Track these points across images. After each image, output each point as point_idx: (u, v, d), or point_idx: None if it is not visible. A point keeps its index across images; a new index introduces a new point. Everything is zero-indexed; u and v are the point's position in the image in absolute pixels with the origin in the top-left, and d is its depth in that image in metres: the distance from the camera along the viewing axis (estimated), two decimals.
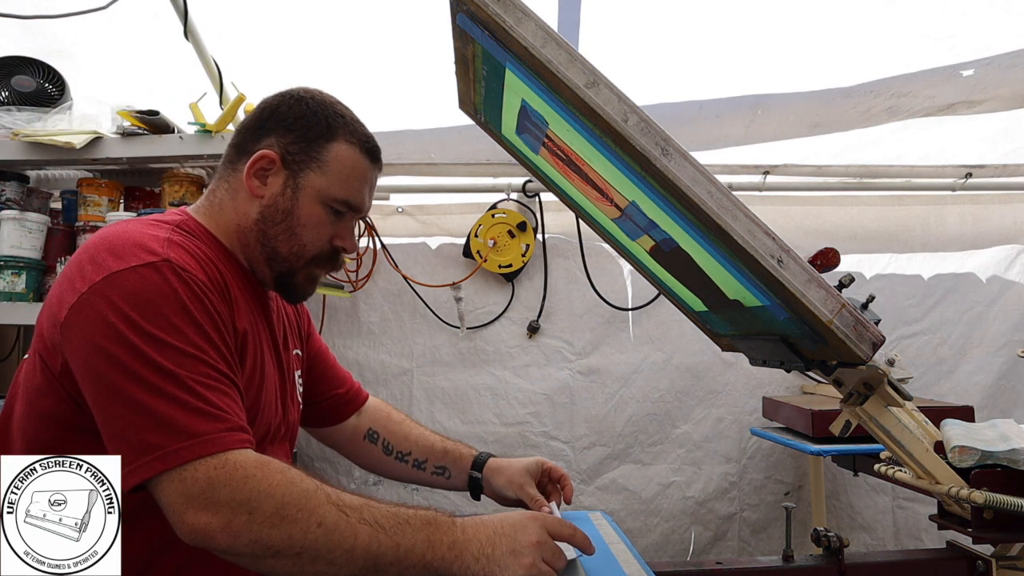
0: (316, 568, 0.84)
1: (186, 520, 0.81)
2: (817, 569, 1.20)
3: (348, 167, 1.08)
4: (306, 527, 0.83)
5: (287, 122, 1.07)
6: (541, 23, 0.90)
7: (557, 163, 1.31)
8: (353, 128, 1.11)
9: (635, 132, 0.90)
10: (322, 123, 1.07)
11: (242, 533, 0.81)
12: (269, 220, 1.06)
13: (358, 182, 1.09)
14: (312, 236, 1.07)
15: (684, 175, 0.91)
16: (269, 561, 0.83)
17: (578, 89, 0.90)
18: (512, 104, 1.21)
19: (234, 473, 0.82)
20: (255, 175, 1.06)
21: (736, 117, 2.46)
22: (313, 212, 1.06)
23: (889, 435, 1.21)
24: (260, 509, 0.82)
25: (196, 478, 0.81)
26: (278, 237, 1.06)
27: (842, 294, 1.34)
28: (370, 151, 1.12)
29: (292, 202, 1.06)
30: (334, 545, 0.84)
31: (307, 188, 1.06)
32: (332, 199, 1.07)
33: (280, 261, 1.07)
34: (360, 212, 1.11)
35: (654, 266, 1.44)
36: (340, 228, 1.10)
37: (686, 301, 1.52)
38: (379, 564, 0.85)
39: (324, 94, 1.13)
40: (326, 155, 1.07)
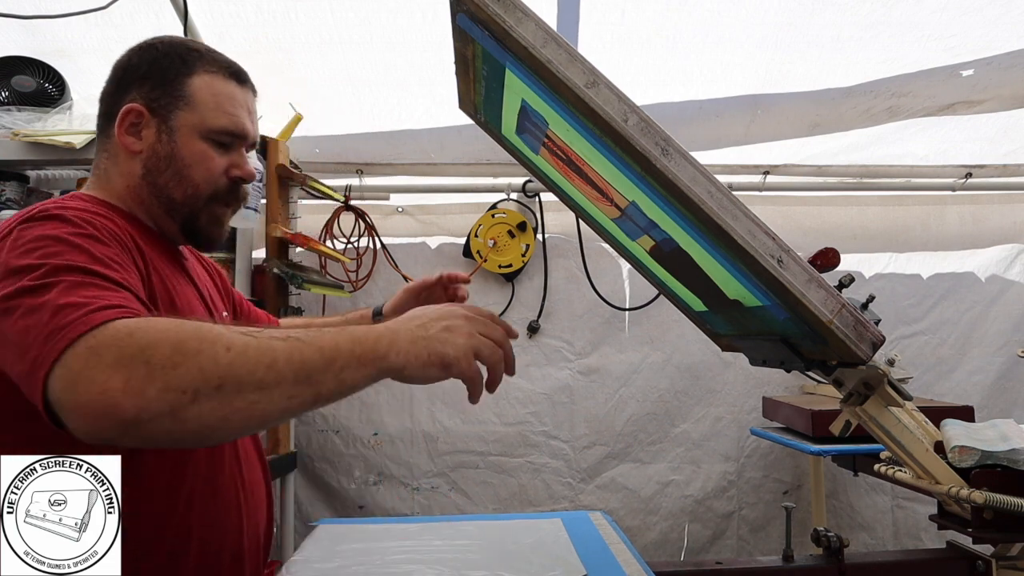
0: (245, 398, 0.74)
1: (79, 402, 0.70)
2: (817, 569, 1.20)
3: (216, 95, 1.05)
4: (214, 354, 0.73)
5: (142, 71, 1.04)
6: (541, 23, 0.90)
7: (557, 163, 1.31)
8: (211, 58, 1.07)
9: (635, 132, 0.90)
10: (177, 60, 1.04)
11: (146, 385, 0.70)
12: (155, 171, 1.04)
13: (230, 106, 1.06)
14: (202, 173, 1.05)
15: (684, 175, 0.91)
16: (192, 409, 0.71)
17: (578, 89, 0.90)
18: (512, 104, 1.21)
19: (116, 335, 0.73)
20: (127, 132, 1.03)
21: (736, 117, 2.46)
22: (195, 149, 1.04)
23: (889, 435, 1.21)
24: (156, 354, 0.71)
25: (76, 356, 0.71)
26: (168, 184, 1.04)
27: (842, 294, 1.34)
28: (235, 74, 1.08)
29: (171, 146, 1.03)
30: (254, 365, 0.74)
31: (181, 127, 1.03)
32: (210, 131, 1.04)
33: (179, 207, 1.05)
34: (245, 138, 1.08)
35: (654, 266, 1.44)
36: (231, 159, 1.07)
37: (686, 301, 1.52)
38: (311, 374, 0.77)
39: (174, 36, 1.10)
40: (189, 90, 1.04)
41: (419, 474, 2.78)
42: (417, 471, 2.78)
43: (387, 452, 2.79)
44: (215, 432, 0.76)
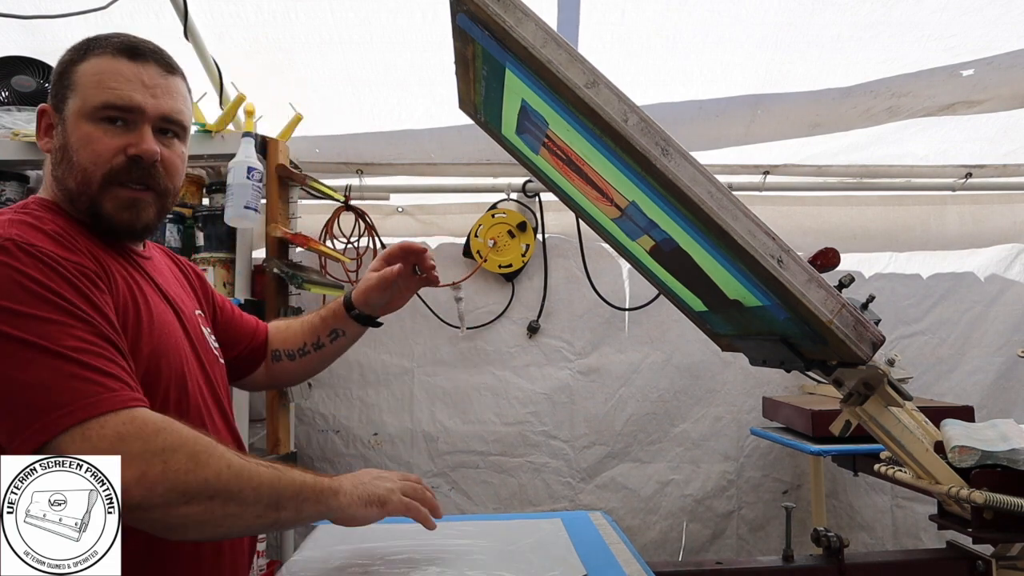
0: (226, 510, 0.86)
1: None
2: (817, 569, 1.20)
3: (99, 74, 1.00)
4: (218, 469, 0.85)
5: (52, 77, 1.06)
6: (541, 23, 0.90)
7: (557, 163, 1.31)
8: (105, 41, 1.03)
9: (635, 132, 0.91)
10: (71, 55, 1.03)
11: (158, 483, 0.81)
12: (56, 164, 1.02)
13: (115, 82, 1.00)
14: (88, 155, 1.00)
15: (684, 175, 0.92)
16: (181, 508, 0.83)
17: (578, 89, 0.90)
18: (512, 104, 1.21)
19: (144, 427, 0.83)
20: (44, 134, 1.05)
21: (736, 117, 2.46)
22: (80, 132, 1.00)
23: (889, 435, 1.21)
24: (174, 458, 0.82)
25: (103, 435, 0.80)
26: (64, 175, 1.01)
27: (842, 294, 1.34)
28: (125, 50, 1.02)
29: (64, 136, 1.01)
30: (244, 484, 0.87)
31: (70, 116, 1.01)
32: (92, 109, 0.99)
33: (77, 196, 1.01)
34: (132, 109, 1.00)
35: (654, 266, 1.44)
36: (128, 138, 1.01)
37: (686, 301, 1.52)
38: (280, 499, 0.91)
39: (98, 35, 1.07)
40: (76, 77, 1.01)
41: (419, 474, 2.77)
42: (417, 471, 2.78)
43: (387, 452, 2.79)
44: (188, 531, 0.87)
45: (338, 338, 1.41)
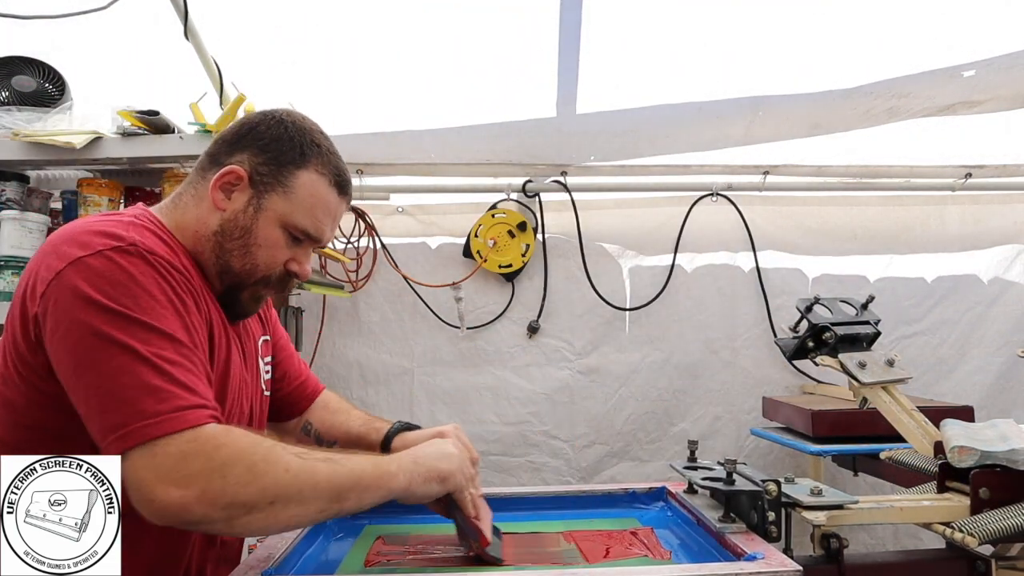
0: (288, 512, 0.88)
1: (158, 497, 0.81)
2: (817, 569, 1.20)
3: (314, 196, 1.09)
4: (276, 476, 0.87)
5: (262, 142, 1.08)
6: None
7: None
8: (327, 159, 1.11)
9: None
10: (296, 149, 1.08)
11: (218, 498, 0.83)
12: (227, 234, 1.07)
13: (321, 212, 1.10)
14: (266, 257, 1.08)
15: None
16: (243, 519, 0.85)
17: None
18: None
19: (205, 445, 0.84)
20: (221, 188, 1.07)
21: (736, 118, 2.46)
22: (271, 234, 1.07)
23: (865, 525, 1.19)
24: (232, 472, 0.84)
25: (168, 452, 0.83)
26: (233, 252, 1.07)
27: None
28: (340, 184, 1.12)
29: (252, 221, 1.07)
30: (302, 484, 0.88)
31: (269, 210, 1.07)
32: (292, 225, 1.08)
33: (231, 275, 1.08)
34: (319, 243, 1.13)
35: None
36: (297, 253, 1.11)
37: None
38: (341, 492, 0.92)
39: (307, 120, 1.15)
40: (293, 181, 1.07)
41: None
42: None
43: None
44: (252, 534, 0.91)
45: None
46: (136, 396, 0.84)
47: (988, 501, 1.20)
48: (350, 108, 2.46)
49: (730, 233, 2.89)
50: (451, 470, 1.02)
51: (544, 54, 2.21)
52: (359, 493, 0.93)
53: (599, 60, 2.22)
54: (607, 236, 2.90)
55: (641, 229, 2.91)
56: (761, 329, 2.86)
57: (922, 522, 1.24)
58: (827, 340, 1.48)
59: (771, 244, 2.90)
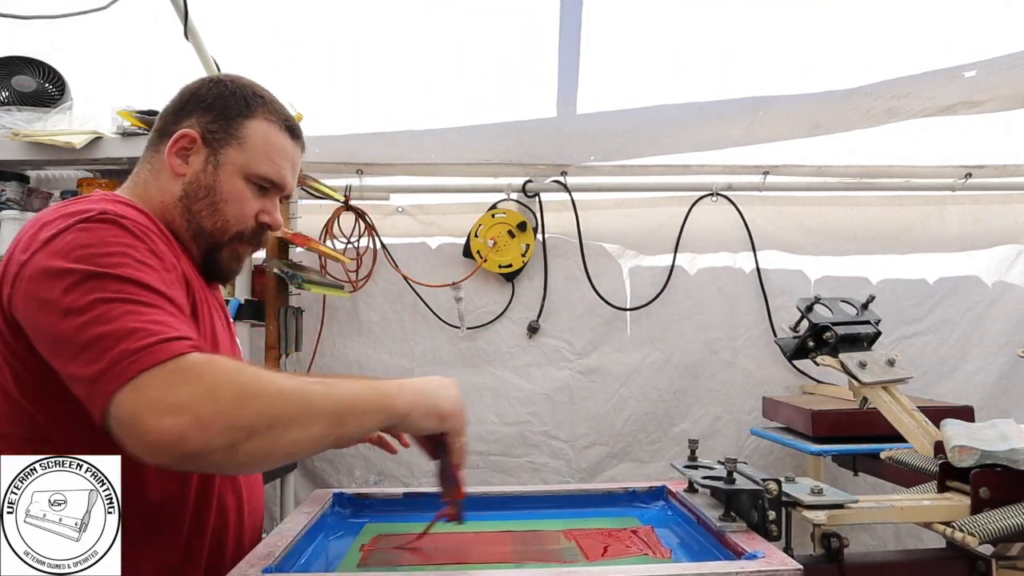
0: (288, 437, 0.84)
1: (149, 429, 0.77)
2: (817, 569, 1.20)
3: (268, 143, 1.10)
4: (269, 397, 0.84)
5: (206, 103, 1.09)
6: None
7: None
8: (272, 107, 1.13)
9: None
10: (240, 102, 1.10)
11: (213, 423, 0.79)
12: (192, 196, 1.08)
13: (279, 158, 1.11)
14: (235, 211, 1.09)
15: None
16: (246, 445, 0.81)
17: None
18: None
19: (189, 372, 0.81)
20: (176, 154, 1.08)
21: (737, 118, 2.46)
22: (235, 187, 1.09)
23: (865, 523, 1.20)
24: (223, 395, 0.81)
25: (152, 384, 0.79)
26: (202, 213, 1.08)
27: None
28: (290, 129, 1.14)
29: (214, 178, 1.08)
30: (298, 406, 0.86)
31: (228, 164, 1.08)
32: (253, 174, 1.09)
33: (204, 236, 1.09)
34: (283, 189, 1.14)
35: None
36: (264, 204, 1.12)
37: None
38: (340, 415, 0.89)
39: (243, 78, 1.15)
40: (245, 131, 1.09)
41: (419, 474, 2.77)
42: (417, 471, 2.77)
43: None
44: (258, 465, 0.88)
45: None
46: (114, 343, 0.81)
47: (988, 501, 1.20)
48: (350, 108, 2.46)
49: (730, 233, 2.89)
50: (452, 410, 0.99)
51: (544, 54, 2.21)
52: (359, 416, 0.91)
53: (599, 60, 2.23)
54: (607, 236, 2.90)
55: (641, 229, 2.91)
56: (761, 329, 2.86)
57: (922, 522, 1.23)
58: (827, 340, 1.48)
59: (771, 244, 2.90)
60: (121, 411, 0.78)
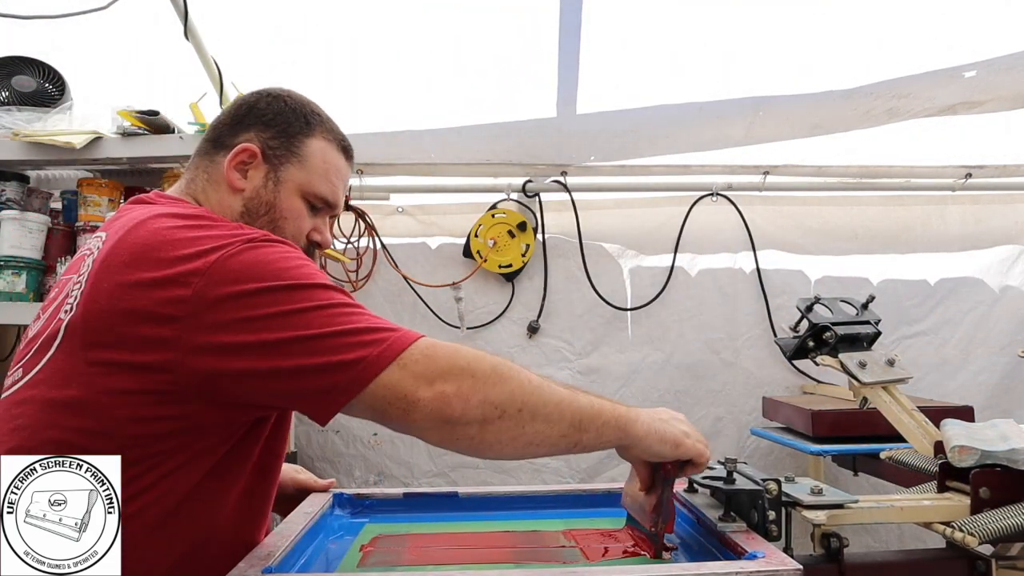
0: (535, 427, 0.88)
1: (421, 396, 0.84)
2: (817, 569, 1.20)
3: (326, 162, 1.11)
4: (521, 382, 0.89)
5: (266, 118, 1.09)
6: None
7: None
8: (329, 126, 1.14)
9: None
10: (301, 119, 1.10)
11: (472, 394, 0.85)
12: (253, 213, 1.07)
13: (335, 177, 1.13)
14: (293, 229, 1.10)
15: None
16: (496, 423, 0.86)
17: None
18: None
19: (443, 349, 0.88)
20: (236, 168, 1.07)
21: (737, 118, 2.46)
22: (294, 205, 1.09)
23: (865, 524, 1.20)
24: (480, 370, 0.87)
25: (415, 359, 0.85)
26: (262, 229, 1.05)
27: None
28: (345, 149, 1.15)
29: (274, 195, 1.08)
30: (546, 399, 0.89)
31: (288, 181, 1.08)
32: (311, 193, 1.10)
33: None
34: (335, 209, 1.15)
35: None
36: (316, 223, 1.13)
37: None
38: (582, 420, 0.91)
39: (300, 94, 1.16)
40: (305, 150, 1.09)
41: (419, 474, 2.78)
42: (417, 471, 2.78)
43: (387, 452, 2.79)
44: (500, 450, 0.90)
45: None
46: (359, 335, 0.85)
47: (988, 501, 1.20)
48: (350, 108, 2.44)
49: (730, 233, 2.89)
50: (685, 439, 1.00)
51: (544, 54, 2.21)
52: (599, 427, 0.93)
53: (599, 60, 2.23)
54: (607, 236, 2.90)
55: (641, 229, 2.91)
56: (762, 329, 2.86)
57: (922, 521, 1.23)
58: (827, 340, 1.48)
59: (771, 244, 2.90)
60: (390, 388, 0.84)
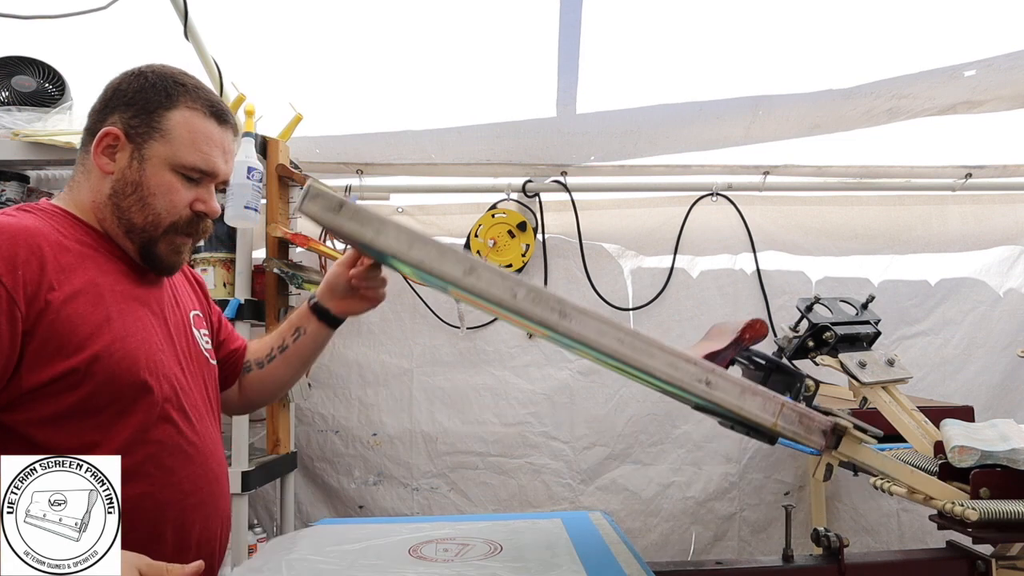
0: None
1: None
2: (817, 569, 1.20)
3: (192, 131, 1.10)
4: None
5: (127, 98, 1.10)
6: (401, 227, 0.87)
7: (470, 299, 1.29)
8: (195, 94, 1.12)
9: (527, 305, 0.88)
10: (161, 93, 1.10)
11: None
12: (120, 193, 1.09)
13: (205, 145, 1.11)
14: (165, 203, 1.09)
15: (589, 331, 0.89)
16: None
17: (458, 280, 0.88)
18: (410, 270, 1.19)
19: None
20: (103, 153, 1.09)
21: (736, 118, 2.46)
22: (162, 180, 1.09)
23: (871, 468, 1.21)
24: None
25: None
26: (131, 209, 1.09)
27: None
28: (216, 114, 1.13)
29: (140, 173, 1.08)
30: None
31: (152, 158, 1.08)
32: (180, 165, 1.09)
33: (137, 232, 1.10)
34: (214, 176, 1.13)
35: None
36: (199, 193, 1.12)
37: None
38: None
39: (167, 67, 1.14)
40: (167, 123, 1.09)
41: (418, 474, 2.78)
42: (416, 471, 2.78)
43: (386, 452, 2.79)
44: None
45: (300, 337, 1.40)
46: None
47: (988, 500, 1.20)
48: (350, 108, 2.46)
49: (730, 233, 2.89)
50: None
51: (544, 54, 2.21)
52: None
53: (599, 60, 2.22)
54: (607, 236, 2.90)
55: (641, 229, 2.91)
56: None
57: (925, 493, 1.22)
58: (827, 340, 1.48)
59: (771, 244, 2.90)
60: None
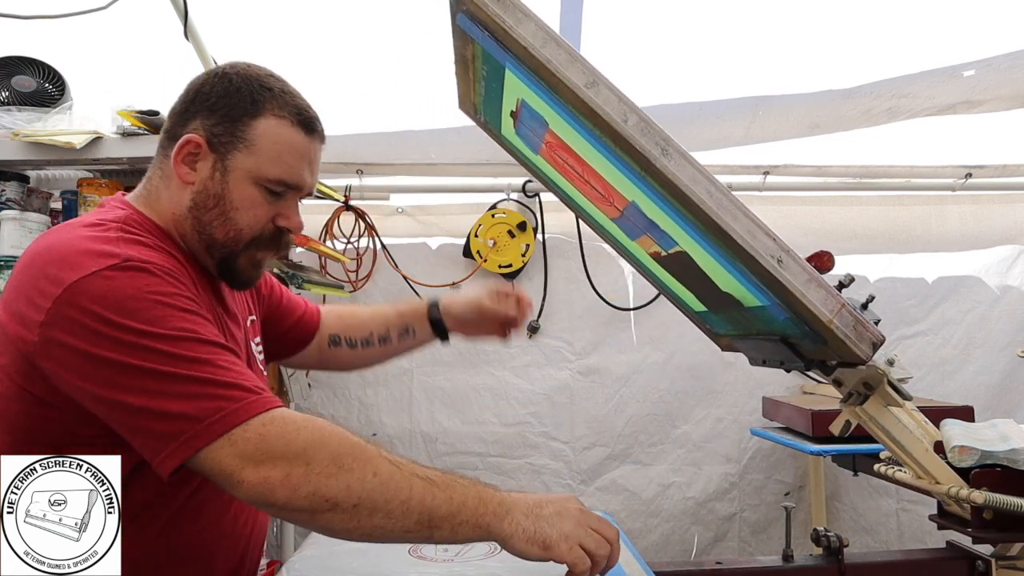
0: (373, 522, 0.82)
1: (244, 479, 0.80)
2: (817, 569, 1.20)
3: (278, 143, 1.02)
4: (362, 476, 0.82)
5: (210, 102, 1.02)
6: (541, 23, 0.90)
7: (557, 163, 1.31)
8: (282, 101, 1.04)
9: (635, 132, 0.90)
10: (247, 99, 1.02)
11: (301, 485, 0.81)
12: (201, 207, 1.02)
13: (292, 158, 1.03)
14: (248, 218, 1.03)
15: (683, 175, 0.91)
16: (327, 515, 0.82)
17: (578, 89, 0.89)
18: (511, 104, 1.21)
19: (285, 426, 0.83)
20: (183, 162, 1.02)
21: (736, 118, 2.46)
22: (245, 194, 1.02)
23: (889, 435, 1.21)
24: (317, 459, 0.81)
25: (247, 437, 0.81)
26: (212, 223, 1.02)
27: (841, 294, 1.33)
28: (304, 123, 1.05)
29: (222, 186, 1.01)
30: (391, 496, 0.83)
31: (236, 170, 1.01)
32: (264, 179, 1.02)
33: (218, 247, 1.04)
34: (300, 190, 1.06)
35: (654, 266, 1.44)
36: (281, 207, 1.05)
37: (686, 301, 1.52)
38: (433, 518, 0.84)
39: (253, 67, 1.07)
40: (252, 133, 1.01)
41: None
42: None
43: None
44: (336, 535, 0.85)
45: (407, 337, 1.38)
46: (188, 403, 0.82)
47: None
48: (350, 108, 2.46)
49: None
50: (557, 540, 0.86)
51: None
52: (454, 526, 0.84)
53: (599, 60, 2.21)
54: None
55: None
56: None
57: (933, 476, 1.22)
58: None
59: None
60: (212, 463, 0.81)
